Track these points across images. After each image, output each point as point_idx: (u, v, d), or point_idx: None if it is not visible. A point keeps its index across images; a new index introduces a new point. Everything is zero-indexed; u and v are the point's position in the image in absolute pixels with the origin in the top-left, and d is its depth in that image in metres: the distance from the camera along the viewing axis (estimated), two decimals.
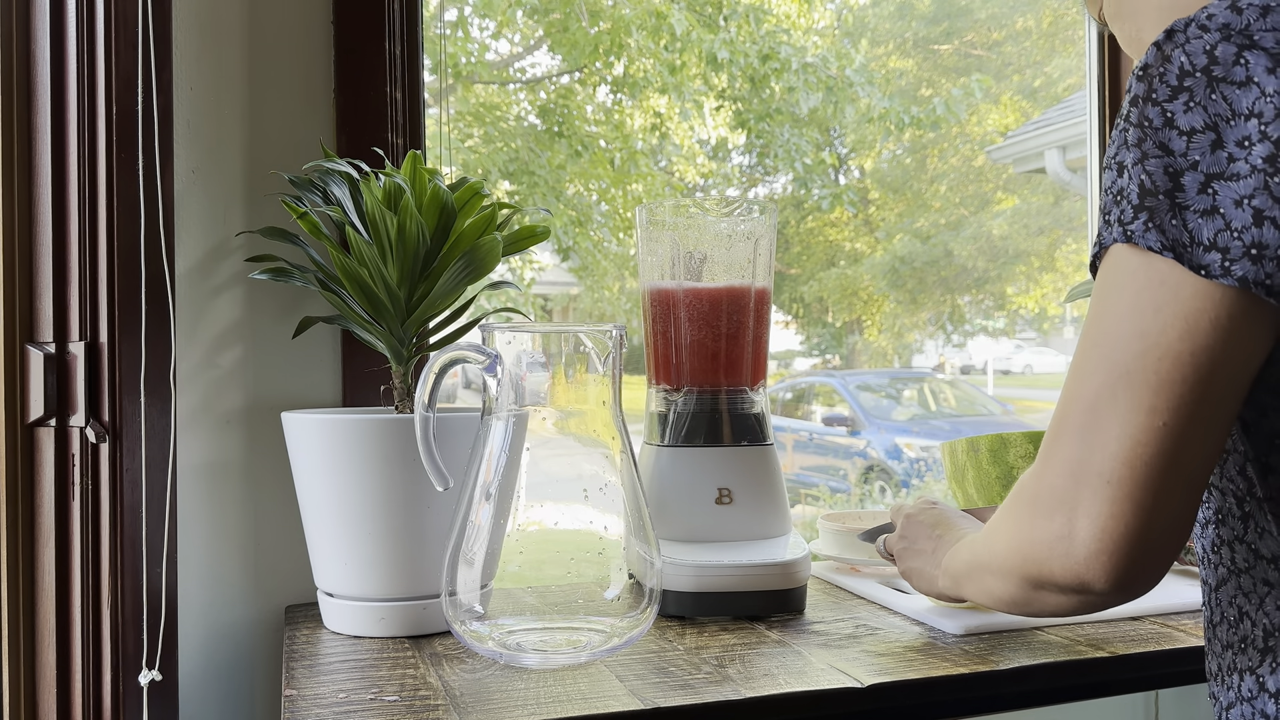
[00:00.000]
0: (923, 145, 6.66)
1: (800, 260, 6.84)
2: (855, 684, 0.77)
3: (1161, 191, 0.57)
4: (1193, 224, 0.56)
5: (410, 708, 0.74)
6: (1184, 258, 0.56)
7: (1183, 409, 0.56)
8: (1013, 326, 7.37)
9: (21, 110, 0.95)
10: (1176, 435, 0.56)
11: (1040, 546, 0.60)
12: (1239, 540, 0.66)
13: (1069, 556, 0.58)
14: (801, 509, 5.04)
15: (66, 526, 0.93)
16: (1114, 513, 0.56)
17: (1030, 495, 0.61)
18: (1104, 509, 0.57)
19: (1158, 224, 0.57)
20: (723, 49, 4.64)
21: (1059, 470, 0.59)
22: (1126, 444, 0.56)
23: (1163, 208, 0.57)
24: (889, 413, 6.03)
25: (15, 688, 0.94)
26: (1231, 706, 0.66)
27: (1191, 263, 0.56)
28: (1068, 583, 0.59)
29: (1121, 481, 0.56)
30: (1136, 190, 0.58)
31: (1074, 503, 0.58)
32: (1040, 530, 0.60)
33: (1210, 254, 0.56)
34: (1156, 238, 0.57)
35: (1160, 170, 0.57)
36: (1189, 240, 0.56)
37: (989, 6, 6.75)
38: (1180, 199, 0.57)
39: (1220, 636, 0.68)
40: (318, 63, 1.09)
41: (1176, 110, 0.57)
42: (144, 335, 0.93)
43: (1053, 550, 0.59)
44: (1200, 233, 0.56)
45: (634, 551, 0.84)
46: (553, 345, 0.84)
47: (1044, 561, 0.60)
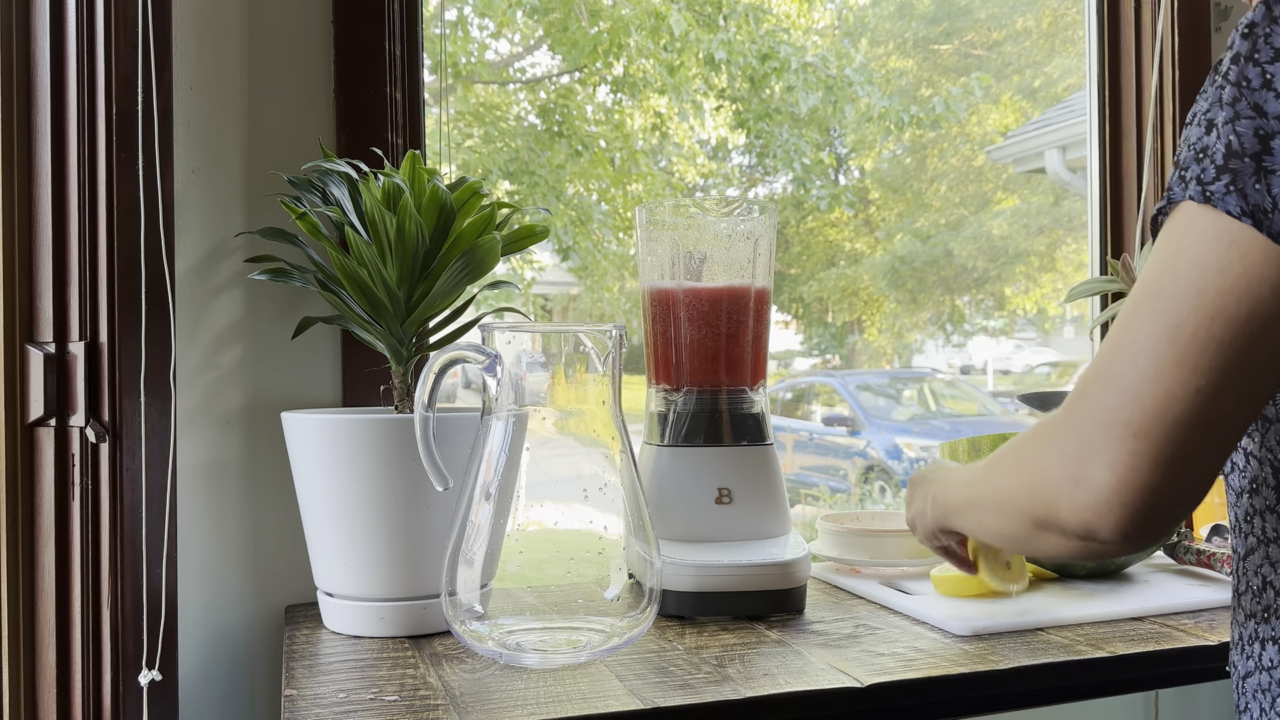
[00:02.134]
0: (923, 145, 6.66)
1: (800, 260, 6.83)
2: (855, 684, 0.77)
3: (1249, 154, 0.55)
4: (1277, 189, 0.54)
5: (410, 708, 0.73)
6: (1262, 224, 0.54)
7: (1225, 372, 0.55)
8: (1012, 326, 7.37)
9: (21, 110, 0.95)
10: (1212, 397, 0.55)
11: (1053, 487, 0.59)
12: (1270, 510, 0.66)
13: (1081, 501, 0.57)
14: (801, 509, 5.04)
15: (66, 526, 0.93)
16: (1134, 464, 0.56)
17: (1050, 435, 0.60)
18: (1125, 459, 0.56)
19: (1240, 188, 0.55)
20: (720, 49, 4.64)
21: (1087, 414, 0.58)
22: (1161, 398, 0.55)
23: (1247, 171, 0.55)
24: (889, 413, 6.02)
25: (15, 688, 0.93)
26: (1248, 676, 0.67)
27: (1270, 229, 0.54)
28: (1074, 527, 0.59)
29: (1148, 435, 0.55)
30: (1223, 150, 0.56)
31: (1096, 448, 0.57)
32: (1055, 470, 0.59)
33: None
34: (1237, 202, 0.55)
35: (1250, 132, 0.55)
36: (1271, 206, 0.54)
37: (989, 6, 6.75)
38: (1268, 163, 0.55)
39: (1244, 606, 0.69)
40: (318, 63, 1.09)
41: (1277, 73, 0.55)
42: (144, 335, 0.93)
43: (1066, 492, 0.58)
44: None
45: (634, 551, 0.84)
46: (552, 345, 0.84)
47: (1054, 501, 0.59)
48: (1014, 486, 0.64)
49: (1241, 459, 0.69)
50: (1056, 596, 1.01)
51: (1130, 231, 1.48)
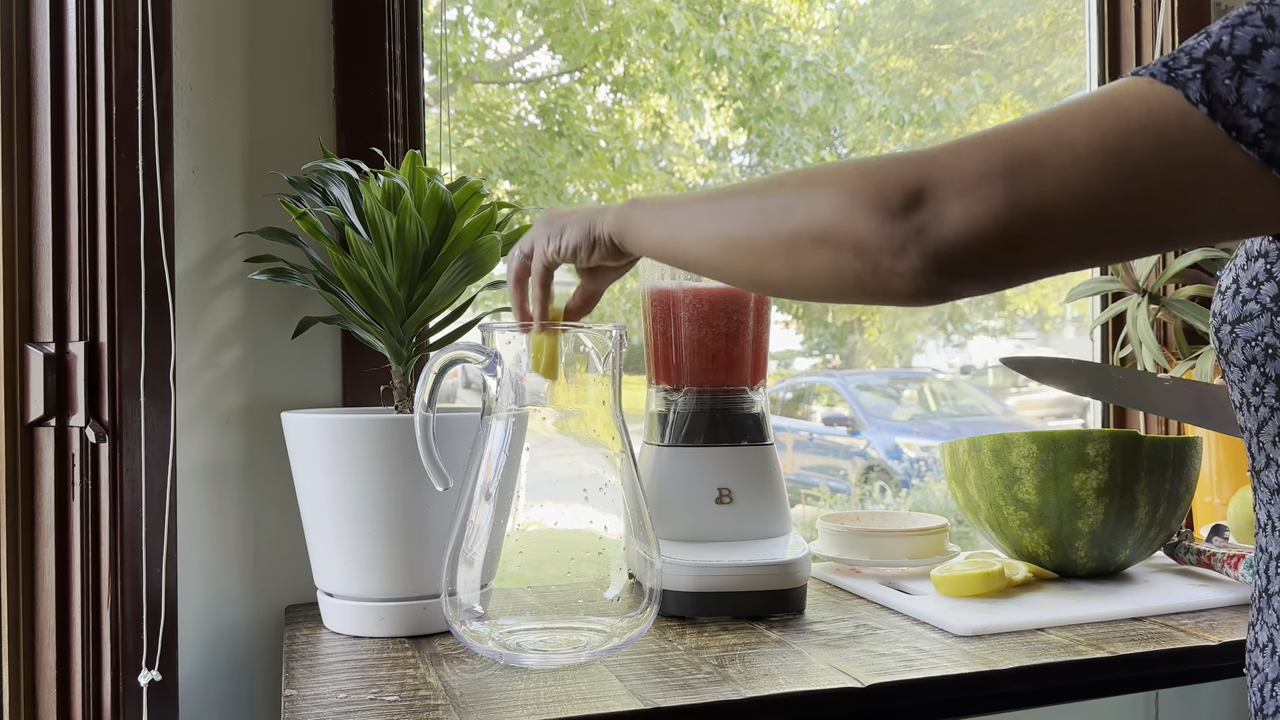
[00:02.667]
0: (924, 145, 6.65)
1: None
2: (855, 684, 0.77)
3: (1233, 55, 0.54)
4: (1248, 89, 0.53)
5: (410, 708, 0.73)
6: (1218, 113, 0.53)
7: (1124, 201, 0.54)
8: (1013, 326, 7.36)
9: (21, 110, 0.95)
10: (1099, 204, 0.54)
11: (884, 195, 0.55)
12: None
13: (913, 245, 0.54)
14: (801, 509, 5.04)
15: (66, 526, 0.93)
16: (993, 205, 0.53)
17: (906, 157, 0.57)
18: (990, 197, 0.53)
19: (1208, 78, 0.53)
20: (722, 46, 4.64)
21: (974, 153, 0.55)
22: (1059, 172, 0.53)
23: (1224, 67, 0.54)
24: (889, 413, 6.02)
25: (15, 688, 0.93)
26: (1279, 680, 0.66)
27: (1225, 120, 0.53)
28: (875, 239, 0.55)
29: (1021, 187, 0.53)
30: (1208, 46, 0.55)
31: (961, 192, 0.54)
32: (896, 181, 0.55)
33: (1250, 119, 0.52)
34: (1198, 89, 0.53)
35: (1248, 39, 0.54)
36: (1234, 100, 0.53)
37: (989, 6, 6.74)
38: (1249, 67, 0.53)
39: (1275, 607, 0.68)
40: (318, 63, 1.09)
41: None
42: (144, 335, 0.93)
43: (897, 203, 0.55)
44: (1252, 100, 0.53)
45: (634, 551, 0.84)
46: None
47: (873, 209, 0.55)
48: (817, 199, 0.58)
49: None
50: (1056, 596, 1.01)
51: None
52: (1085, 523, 1.03)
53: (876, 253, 0.56)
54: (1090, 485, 1.02)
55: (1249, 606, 0.98)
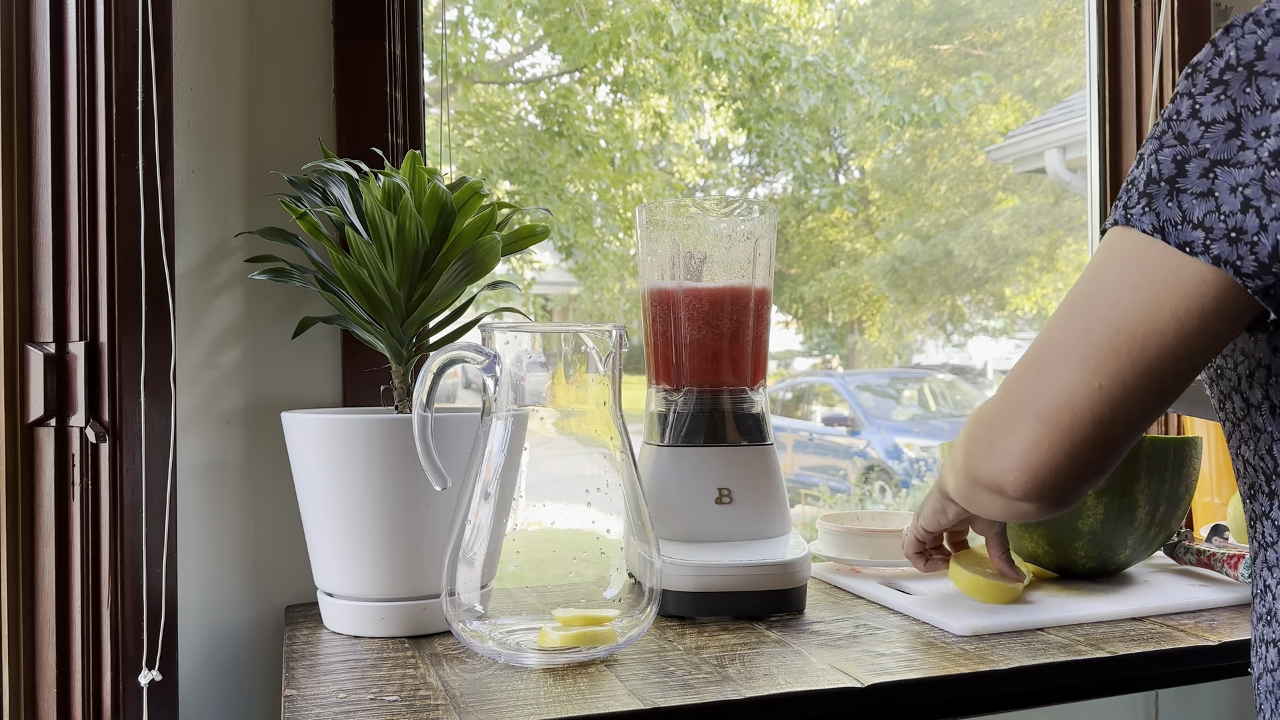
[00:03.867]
0: (923, 145, 6.66)
1: (800, 260, 6.83)
2: (855, 684, 0.77)
3: (1164, 179, 0.61)
4: (1186, 204, 0.60)
5: (410, 708, 0.73)
6: (1170, 236, 0.60)
7: (1123, 381, 0.61)
8: (1013, 326, 7.36)
9: (21, 110, 0.95)
10: (1109, 399, 0.62)
11: (978, 449, 0.68)
12: (1266, 516, 0.68)
13: (995, 464, 0.66)
14: (801, 509, 5.04)
15: (66, 526, 0.93)
16: (1036, 442, 0.64)
17: (984, 413, 0.70)
18: (1029, 437, 0.64)
19: (1154, 208, 0.61)
20: (719, 48, 4.64)
21: (1007, 397, 0.67)
22: (1064, 392, 0.63)
23: (1162, 193, 0.61)
24: (889, 413, 6.02)
25: (15, 688, 0.93)
26: (1261, 677, 0.68)
27: (1176, 239, 0.60)
28: (989, 483, 0.67)
29: (1050, 421, 0.63)
30: (1145, 178, 0.62)
31: (1011, 424, 0.65)
32: (981, 437, 0.68)
33: (1195, 231, 0.59)
34: (1150, 220, 0.61)
35: (1170, 159, 0.61)
36: (1180, 219, 0.60)
37: (989, 6, 6.74)
38: (1180, 184, 0.60)
39: (1256, 609, 0.71)
40: (318, 63, 1.09)
41: (1206, 102, 0.60)
42: (144, 335, 0.93)
43: (984, 456, 0.67)
44: (1192, 212, 0.59)
45: (634, 551, 0.84)
46: (552, 345, 0.84)
47: (977, 462, 0.68)
48: (959, 451, 0.72)
49: (1242, 465, 0.70)
50: (1056, 596, 1.01)
51: None
52: (1085, 523, 1.03)
53: (1005, 502, 0.69)
54: None
55: (1249, 606, 0.98)
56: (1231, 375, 0.68)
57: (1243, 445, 0.69)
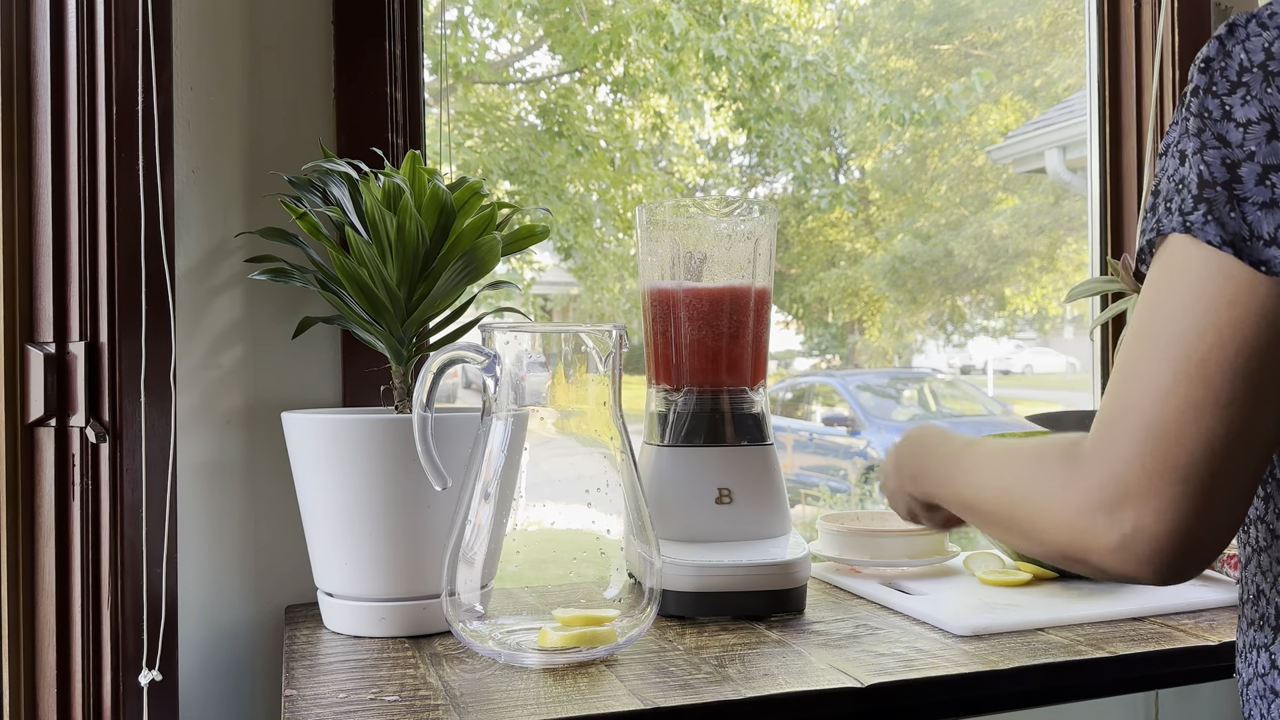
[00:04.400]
0: (923, 145, 6.66)
1: (800, 260, 6.83)
2: (855, 684, 0.77)
3: (1219, 183, 0.57)
4: (1251, 217, 0.56)
5: (410, 708, 0.74)
6: (1243, 253, 0.56)
7: (1257, 399, 0.56)
8: (1013, 326, 7.37)
9: (21, 110, 0.95)
10: (1245, 426, 0.56)
11: (1096, 539, 0.59)
12: (1260, 520, 0.68)
13: (1129, 553, 0.58)
14: (801, 509, 5.04)
15: (66, 526, 0.93)
16: (1179, 510, 0.56)
17: (1077, 473, 0.60)
18: (1169, 506, 0.56)
19: (1216, 217, 0.57)
20: (720, 47, 4.64)
21: (1120, 456, 0.57)
22: (1204, 438, 0.55)
23: (1221, 199, 0.57)
24: (889, 413, 6.02)
25: (15, 688, 0.93)
26: (1250, 682, 0.68)
27: (1251, 258, 0.56)
28: (1111, 568, 0.59)
29: (1193, 478, 0.56)
30: (1196, 180, 0.58)
31: (1137, 493, 0.56)
32: (1101, 525, 0.58)
33: (1271, 249, 0.55)
34: (1216, 231, 0.57)
35: (1218, 161, 0.58)
36: (1249, 234, 0.56)
37: (989, 6, 6.75)
38: (1238, 191, 0.57)
39: (1245, 614, 0.70)
40: (318, 63, 1.09)
41: (1234, 104, 0.58)
42: (144, 335, 0.93)
43: (1101, 534, 0.58)
44: (1260, 226, 0.56)
45: (634, 551, 0.84)
46: (553, 345, 0.84)
47: (1087, 543, 0.59)
48: (1054, 526, 0.62)
49: None
50: (1056, 596, 1.01)
51: (1130, 232, 1.48)
52: None
53: (1121, 575, 0.60)
54: None
55: None
56: None
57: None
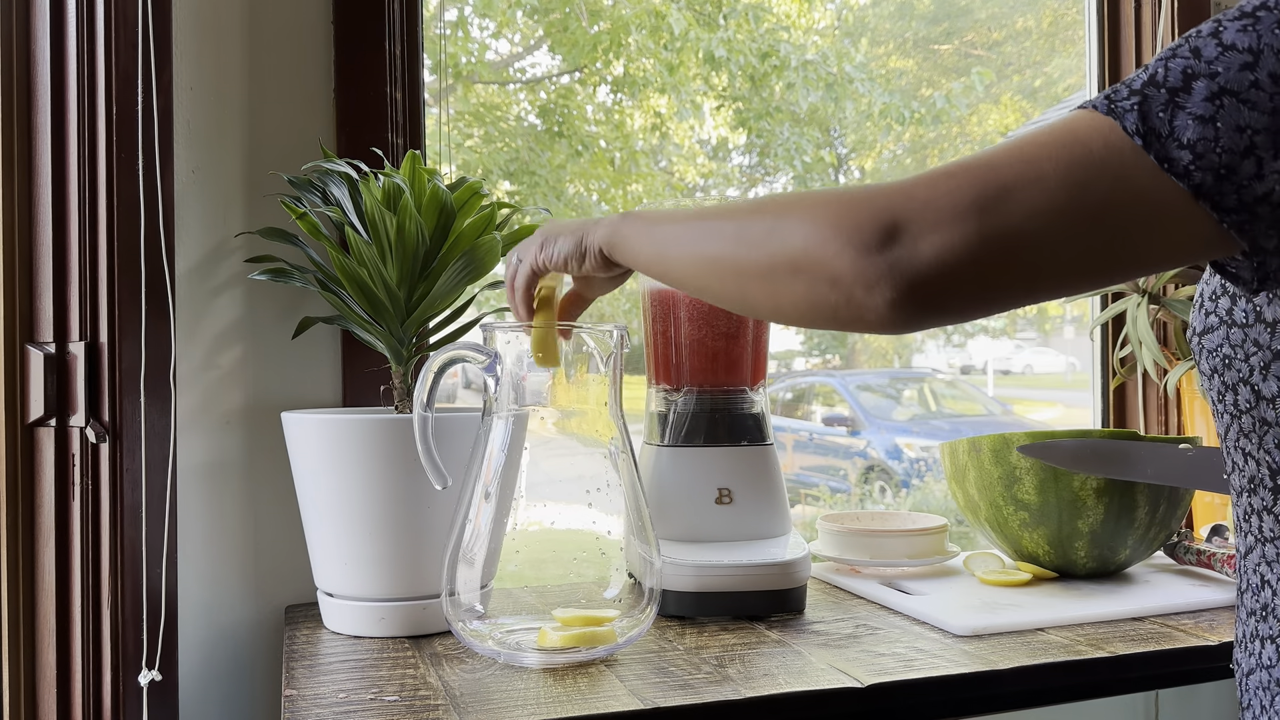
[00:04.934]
0: (923, 145, 6.65)
1: None
2: (855, 684, 0.77)
3: (1166, 87, 0.56)
4: (1179, 122, 0.55)
5: (410, 708, 0.73)
6: (1151, 146, 0.55)
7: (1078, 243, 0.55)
8: (1013, 326, 7.36)
9: (21, 110, 0.95)
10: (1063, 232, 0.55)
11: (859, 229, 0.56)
12: (1267, 510, 0.68)
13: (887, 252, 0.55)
14: (801, 509, 5.04)
15: (66, 526, 0.93)
16: (967, 241, 0.55)
17: (881, 188, 0.58)
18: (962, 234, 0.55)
19: (1144, 110, 0.56)
20: (720, 47, 4.63)
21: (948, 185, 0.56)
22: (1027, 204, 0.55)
23: (1159, 99, 0.56)
24: (889, 413, 6.02)
25: (15, 688, 0.93)
26: (1250, 673, 0.68)
27: (1158, 152, 0.55)
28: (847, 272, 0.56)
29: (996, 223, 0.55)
30: (1145, 78, 0.57)
31: (940, 212, 0.55)
32: (872, 214, 0.56)
33: (1183, 152, 0.54)
34: (1135, 120, 0.55)
35: (1179, 69, 0.56)
36: (1167, 133, 0.55)
37: (989, 6, 6.74)
38: (1181, 99, 0.55)
39: (1245, 604, 0.70)
40: (318, 63, 1.09)
41: (1231, 27, 0.56)
42: (144, 335, 0.93)
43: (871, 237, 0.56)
44: (1184, 132, 0.55)
45: (634, 551, 0.84)
46: None
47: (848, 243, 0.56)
48: (795, 228, 0.59)
49: (1241, 459, 0.70)
50: (1056, 596, 1.01)
51: None
52: (1085, 523, 1.03)
53: (850, 285, 0.57)
54: (1090, 485, 1.02)
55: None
56: (1242, 366, 0.67)
57: (1243, 438, 0.68)
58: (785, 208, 0.62)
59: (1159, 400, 1.44)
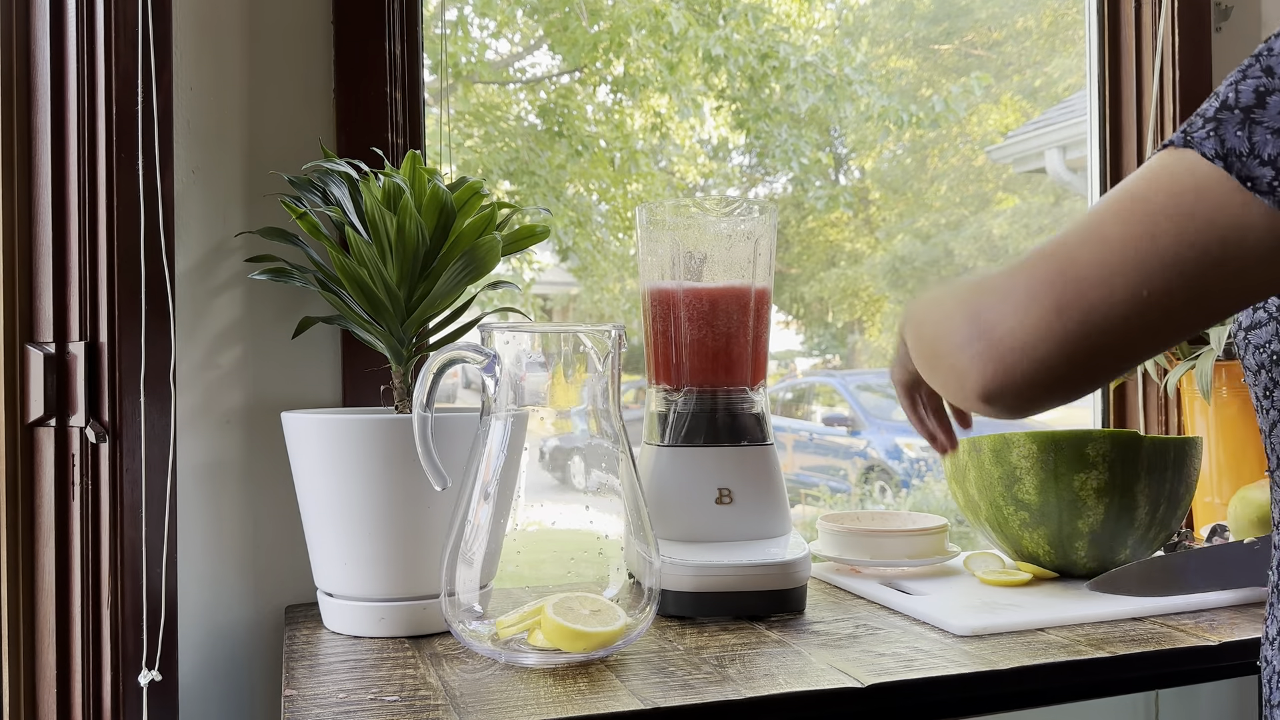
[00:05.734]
0: (923, 145, 6.65)
1: (800, 260, 6.83)
2: (855, 684, 0.77)
3: (1240, 107, 0.56)
4: (1258, 137, 0.55)
5: (410, 708, 0.73)
6: (1233, 166, 0.55)
7: (1169, 293, 0.56)
8: None
9: (21, 110, 0.95)
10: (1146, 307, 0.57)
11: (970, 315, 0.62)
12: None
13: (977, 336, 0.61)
14: (801, 509, 5.04)
15: (66, 526, 0.93)
16: (1039, 332, 0.58)
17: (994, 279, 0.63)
18: (1034, 323, 0.58)
19: (1220, 134, 0.56)
20: (718, 45, 4.64)
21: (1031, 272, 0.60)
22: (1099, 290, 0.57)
23: (1234, 120, 0.56)
24: (889, 413, 6.02)
25: (15, 688, 0.93)
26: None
27: (1240, 172, 0.55)
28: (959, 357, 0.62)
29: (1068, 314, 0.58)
30: (1216, 106, 0.57)
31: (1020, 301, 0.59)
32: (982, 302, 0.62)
33: (1264, 168, 0.54)
34: (1213, 145, 0.56)
35: (1251, 90, 0.56)
36: (1247, 150, 0.55)
37: (989, 6, 6.74)
38: (1256, 115, 0.55)
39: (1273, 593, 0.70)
40: (318, 63, 1.09)
41: None
42: (144, 335, 0.93)
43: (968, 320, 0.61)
44: (1263, 147, 0.55)
45: (633, 551, 0.84)
46: (552, 345, 0.84)
47: (959, 329, 0.62)
48: (949, 307, 0.65)
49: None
50: (1056, 596, 1.01)
51: None
52: (1085, 523, 1.03)
53: (961, 374, 0.63)
54: (1090, 485, 1.02)
55: (1249, 606, 0.98)
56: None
57: None
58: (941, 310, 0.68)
59: (1159, 400, 1.44)
